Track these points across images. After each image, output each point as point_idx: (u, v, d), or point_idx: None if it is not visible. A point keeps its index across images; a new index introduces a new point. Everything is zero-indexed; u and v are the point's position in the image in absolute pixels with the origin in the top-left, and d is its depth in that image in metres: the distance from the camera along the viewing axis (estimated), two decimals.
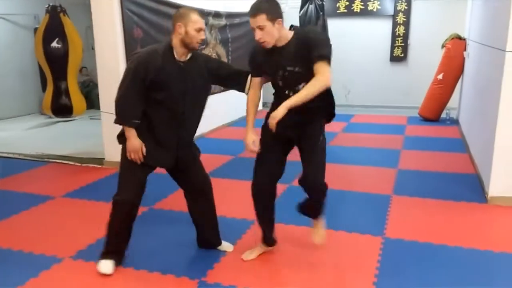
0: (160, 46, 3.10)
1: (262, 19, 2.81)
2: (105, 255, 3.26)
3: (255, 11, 2.83)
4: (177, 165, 3.29)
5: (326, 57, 2.83)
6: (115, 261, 3.26)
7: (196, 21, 3.00)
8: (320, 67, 2.81)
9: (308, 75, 2.85)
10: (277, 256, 3.48)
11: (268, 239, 3.45)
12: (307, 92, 2.80)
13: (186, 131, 3.28)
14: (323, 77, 2.79)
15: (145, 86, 3.00)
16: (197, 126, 3.37)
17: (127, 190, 3.16)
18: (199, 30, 3.01)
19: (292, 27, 3.06)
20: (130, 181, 3.17)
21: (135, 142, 3.07)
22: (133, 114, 3.04)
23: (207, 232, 3.58)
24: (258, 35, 2.86)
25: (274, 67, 3.01)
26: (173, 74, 3.04)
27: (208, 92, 3.34)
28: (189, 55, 3.10)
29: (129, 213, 3.21)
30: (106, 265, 3.22)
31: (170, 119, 3.13)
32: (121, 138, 3.18)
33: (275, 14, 2.85)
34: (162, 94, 3.05)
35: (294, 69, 2.94)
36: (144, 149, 3.09)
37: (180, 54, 3.07)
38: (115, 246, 3.28)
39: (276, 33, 2.88)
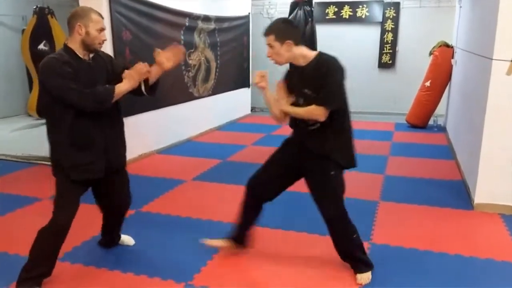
0: (60, 51, 2.96)
1: (271, 39, 2.92)
2: (27, 282, 3.02)
3: (266, 30, 2.95)
4: (107, 173, 3.12)
5: (325, 104, 2.89)
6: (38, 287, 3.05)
7: (98, 21, 2.91)
8: (317, 108, 2.90)
9: None
10: (263, 260, 3.49)
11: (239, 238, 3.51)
12: (300, 111, 2.96)
13: (111, 131, 3.11)
14: (316, 111, 2.90)
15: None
16: (121, 125, 3.22)
17: (64, 214, 3.03)
18: (100, 30, 2.92)
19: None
20: (69, 204, 3.07)
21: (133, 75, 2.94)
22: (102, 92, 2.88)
23: (116, 232, 3.63)
24: (268, 52, 2.98)
25: (297, 86, 3.04)
26: (85, 73, 2.90)
27: (119, 103, 3.13)
28: (91, 55, 2.99)
29: (63, 238, 3.09)
30: None
31: (93, 119, 2.95)
32: (55, 169, 3.10)
33: (285, 35, 2.91)
34: None
35: (310, 93, 2.96)
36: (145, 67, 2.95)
37: (83, 55, 2.94)
38: (42, 269, 3.07)
39: (285, 53, 2.94)
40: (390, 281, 3.19)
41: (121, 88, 2.91)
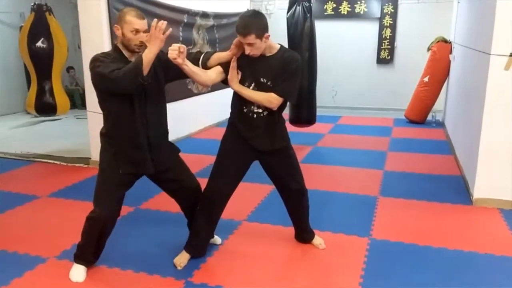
0: (108, 51, 2.98)
1: (251, 38, 2.88)
2: (78, 260, 3.22)
3: (245, 30, 2.88)
4: (158, 171, 3.13)
5: (287, 96, 3.08)
6: (86, 267, 3.22)
7: (131, 22, 2.81)
8: (275, 96, 3.04)
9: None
10: (263, 256, 3.49)
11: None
12: (256, 96, 3.04)
13: (154, 131, 3.06)
14: (274, 100, 3.04)
15: None
16: (164, 126, 3.19)
17: (103, 207, 3.03)
18: (135, 31, 2.82)
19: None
20: (107, 197, 3.06)
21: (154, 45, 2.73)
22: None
23: None
24: (248, 50, 2.95)
25: (252, 73, 3.08)
26: None
27: (163, 88, 3.12)
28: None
29: (103, 230, 3.11)
30: (78, 273, 3.17)
31: (137, 120, 2.95)
32: (102, 153, 3.08)
33: (263, 30, 2.93)
34: (126, 95, 2.89)
35: (266, 82, 3.06)
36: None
37: (129, 56, 2.91)
38: (87, 255, 3.22)
39: (263, 46, 2.98)
40: (390, 276, 3.20)
41: (148, 55, 2.73)
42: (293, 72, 3.06)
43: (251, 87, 3.07)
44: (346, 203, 4.65)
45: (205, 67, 3.11)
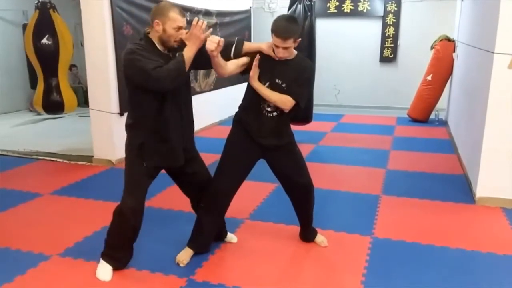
0: (140, 42, 2.95)
1: (290, 42, 3.00)
2: (108, 259, 3.18)
3: (286, 34, 2.96)
4: (185, 163, 3.16)
5: (299, 100, 3.14)
6: (114, 268, 3.18)
7: (175, 19, 2.86)
8: (290, 99, 3.10)
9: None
10: (265, 254, 3.49)
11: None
12: (273, 96, 3.09)
13: (187, 120, 3.15)
14: (288, 102, 3.10)
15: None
16: (192, 115, 3.24)
17: (134, 197, 3.03)
18: (178, 29, 2.88)
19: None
20: (138, 188, 3.06)
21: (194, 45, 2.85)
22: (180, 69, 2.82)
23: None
24: (281, 53, 3.04)
25: (269, 73, 3.13)
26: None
27: (189, 79, 3.19)
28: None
29: (136, 222, 3.09)
30: (106, 272, 3.14)
31: (175, 112, 2.99)
32: (131, 153, 3.06)
33: (298, 35, 3.04)
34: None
35: (281, 84, 3.11)
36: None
37: (162, 49, 2.95)
38: (119, 255, 3.20)
39: (293, 49, 3.11)
40: (392, 275, 3.19)
41: (188, 54, 2.83)
42: (307, 79, 3.22)
43: (265, 86, 3.12)
44: (348, 201, 4.65)
45: (237, 57, 3.20)
